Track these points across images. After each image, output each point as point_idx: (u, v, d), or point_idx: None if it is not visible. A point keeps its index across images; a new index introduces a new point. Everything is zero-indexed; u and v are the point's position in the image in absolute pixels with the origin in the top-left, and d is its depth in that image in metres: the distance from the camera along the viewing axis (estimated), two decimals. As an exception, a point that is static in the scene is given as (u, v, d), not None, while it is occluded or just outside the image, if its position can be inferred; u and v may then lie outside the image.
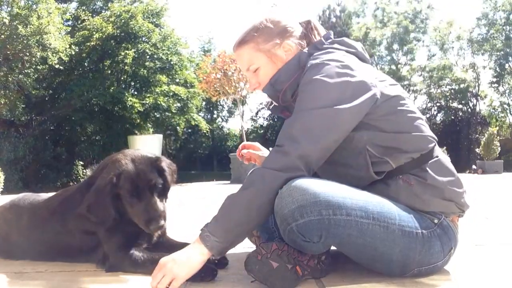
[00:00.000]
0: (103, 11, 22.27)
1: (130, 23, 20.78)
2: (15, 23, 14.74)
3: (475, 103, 26.94)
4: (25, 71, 16.48)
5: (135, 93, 22.59)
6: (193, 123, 24.00)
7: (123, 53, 20.59)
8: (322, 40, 1.66)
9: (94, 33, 20.28)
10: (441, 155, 1.58)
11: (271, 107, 1.80)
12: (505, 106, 26.82)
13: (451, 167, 1.58)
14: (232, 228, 1.45)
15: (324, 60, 1.51)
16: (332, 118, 1.44)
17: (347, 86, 1.46)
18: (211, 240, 1.44)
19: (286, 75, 1.62)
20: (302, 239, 1.42)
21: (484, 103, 27.87)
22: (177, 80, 23.29)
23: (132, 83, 23.56)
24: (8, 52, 15.45)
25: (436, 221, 1.51)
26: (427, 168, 1.51)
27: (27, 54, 15.67)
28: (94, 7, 23.16)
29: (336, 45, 1.63)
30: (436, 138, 1.58)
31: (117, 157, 1.76)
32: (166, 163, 1.80)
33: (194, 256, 1.45)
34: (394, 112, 1.52)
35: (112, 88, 21.25)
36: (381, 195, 1.51)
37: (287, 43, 1.65)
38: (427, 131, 1.56)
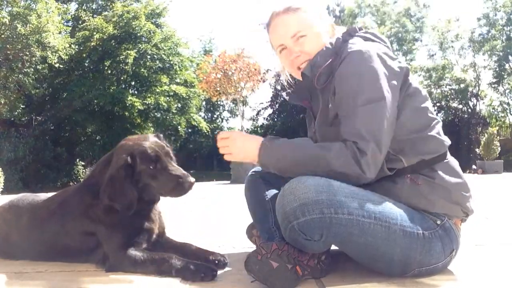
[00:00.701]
0: (104, 11, 22.26)
1: (133, 23, 20.79)
2: (14, 23, 14.74)
3: (475, 103, 26.94)
4: (25, 70, 16.49)
5: (135, 93, 22.60)
6: (193, 123, 24.03)
7: (124, 53, 20.59)
8: (356, 28, 1.68)
9: (95, 33, 20.29)
10: (451, 158, 1.58)
11: (288, 96, 1.82)
12: (505, 106, 26.83)
13: (460, 171, 1.58)
14: (286, 161, 1.50)
15: (365, 49, 1.51)
16: (388, 109, 1.45)
17: (393, 76, 1.49)
18: (267, 151, 1.53)
19: (323, 59, 1.61)
20: (303, 237, 1.42)
21: (484, 103, 27.89)
22: (177, 80, 23.30)
23: (133, 83, 23.57)
24: (8, 52, 15.46)
25: (438, 222, 1.51)
26: (437, 169, 1.52)
27: (27, 53, 15.68)
28: (95, 7, 23.16)
29: (368, 35, 1.64)
30: (449, 142, 1.58)
31: (121, 144, 1.78)
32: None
33: (251, 150, 1.56)
34: (418, 109, 1.54)
35: (113, 88, 21.26)
36: (387, 192, 1.51)
37: (330, 24, 1.69)
38: (443, 135, 1.57)
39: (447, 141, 1.57)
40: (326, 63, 1.58)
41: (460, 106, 26.67)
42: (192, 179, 1.69)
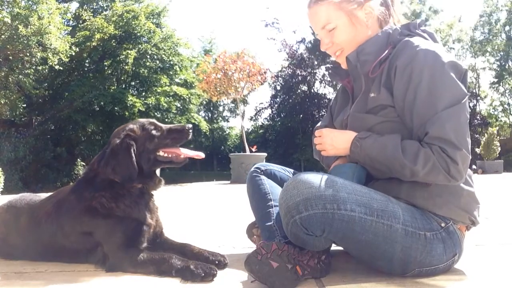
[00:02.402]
0: (104, 11, 22.27)
1: (133, 23, 20.81)
2: (15, 23, 14.75)
3: (475, 103, 26.96)
4: (25, 71, 16.50)
5: (135, 93, 22.62)
6: (193, 121, 24.08)
7: (124, 53, 20.60)
8: (416, 24, 1.63)
9: (95, 33, 20.30)
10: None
11: (328, 72, 1.82)
12: (506, 106, 26.85)
13: (472, 181, 1.58)
14: (374, 164, 1.52)
15: (439, 50, 1.48)
16: (467, 110, 1.45)
17: (464, 76, 1.48)
18: (357, 150, 1.53)
19: (373, 47, 1.58)
20: (305, 232, 1.42)
21: (485, 103, 27.92)
22: (177, 81, 23.32)
23: (133, 83, 23.60)
24: (9, 53, 15.47)
25: (443, 224, 1.51)
26: None
27: (27, 54, 15.69)
28: (95, 7, 23.17)
29: (426, 35, 1.61)
30: (470, 157, 1.59)
31: (115, 131, 1.84)
32: None
33: (342, 147, 1.60)
34: None
35: (113, 88, 21.28)
36: (395, 191, 1.51)
37: (369, 5, 1.61)
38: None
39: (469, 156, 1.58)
40: (384, 54, 1.55)
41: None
42: (189, 125, 1.86)
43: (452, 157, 1.39)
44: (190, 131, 1.87)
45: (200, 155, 1.91)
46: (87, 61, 21.79)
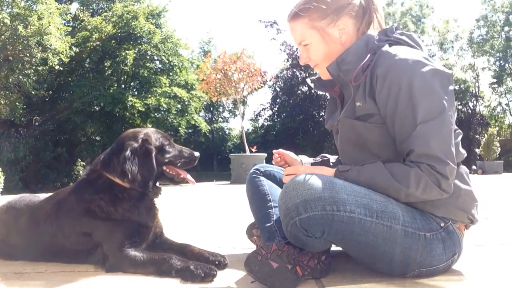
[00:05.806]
0: (105, 12, 22.28)
1: (132, 23, 20.81)
2: (15, 24, 14.76)
3: (475, 104, 26.97)
4: (25, 72, 16.51)
5: (135, 93, 22.63)
6: (193, 122, 24.08)
7: (123, 54, 20.60)
8: (393, 28, 1.61)
9: (94, 33, 20.31)
10: (462, 166, 1.58)
11: (313, 83, 1.81)
12: (505, 106, 26.87)
13: (468, 179, 1.57)
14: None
15: (415, 58, 1.45)
16: (450, 119, 1.43)
17: (447, 82, 1.46)
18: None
19: (353, 56, 1.56)
20: (304, 233, 1.42)
21: (483, 104, 27.94)
22: (177, 82, 23.33)
23: (132, 84, 23.60)
24: (9, 53, 15.48)
25: (442, 224, 1.51)
26: None
27: (27, 55, 15.69)
28: (95, 7, 23.18)
29: (404, 38, 1.59)
30: (466, 155, 1.58)
31: (124, 134, 1.85)
32: None
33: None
34: None
35: (112, 88, 21.27)
36: None
37: (342, 22, 1.58)
38: (461, 147, 1.56)
39: (464, 154, 1.57)
40: (365, 60, 1.52)
41: (460, 107, 26.76)
42: (197, 153, 1.95)
43: (442, 172, 1.38)
44: (197, 160, 1.96)
45: (193, 181, 1.99)
46: (87, 61, 21.79)
